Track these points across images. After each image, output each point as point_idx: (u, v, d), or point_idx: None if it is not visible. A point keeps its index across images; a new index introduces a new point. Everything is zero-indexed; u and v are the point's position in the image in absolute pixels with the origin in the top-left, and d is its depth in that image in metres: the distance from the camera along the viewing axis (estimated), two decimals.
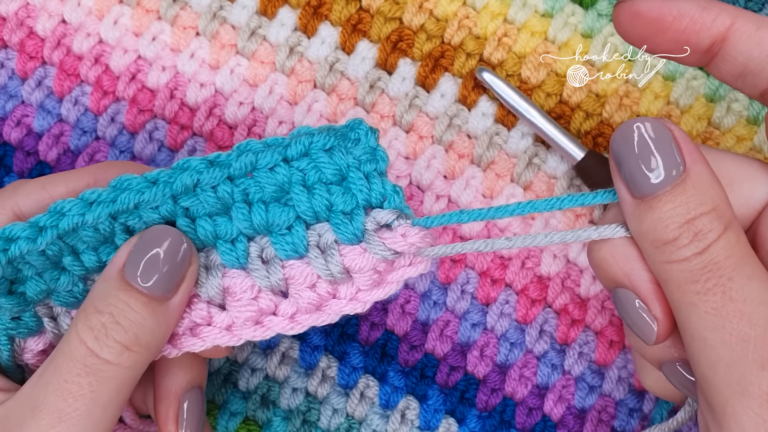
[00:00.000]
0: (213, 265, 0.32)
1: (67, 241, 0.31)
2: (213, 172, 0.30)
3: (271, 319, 0.32)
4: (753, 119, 0.42)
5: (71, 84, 0.44)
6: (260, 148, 0.31)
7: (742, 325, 0.26)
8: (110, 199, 0.30)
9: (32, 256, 0.30)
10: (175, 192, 0.30)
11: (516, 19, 0.43)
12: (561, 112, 0.43)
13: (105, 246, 0.31)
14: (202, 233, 0.31)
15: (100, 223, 0.30)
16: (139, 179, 0.30)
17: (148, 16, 0.44)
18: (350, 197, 0.30)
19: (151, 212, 0.30)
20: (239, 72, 0.44)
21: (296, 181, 0.30)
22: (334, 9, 0.44)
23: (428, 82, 0.43)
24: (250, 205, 0.31)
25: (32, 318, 0.32)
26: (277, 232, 0.31)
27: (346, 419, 0.41)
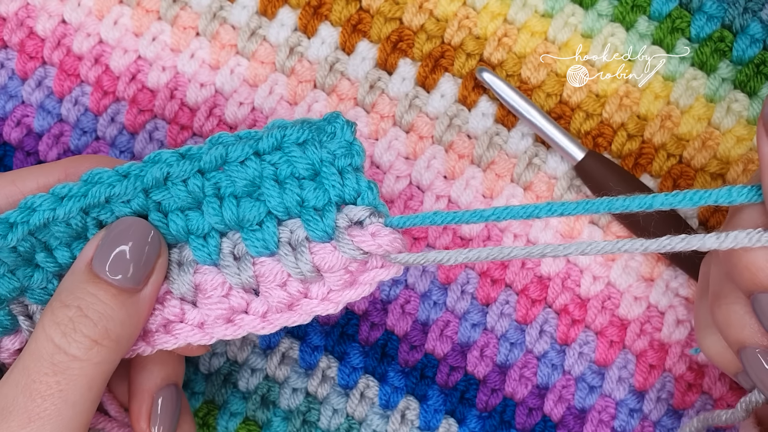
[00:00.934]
0: (185, 261, 0.31)
1: (39, 237, 0.30)
2: (183, 165, 0.29)
3: (243, 317, 0.31)
4: (753, 120, 0.42)
5: (71, 84, 0.44)
6: (232, 141, 0.30)
7: None
8: (81, 193, 0.30)
9: (3, 252, 0.30)
10: (146, 185, 0.30)
11: (516, 19, 0.43)
12: (561, 112, 0.43)
13: (78, 242, 0.31)
14: (174, 228, 0.30)
15: (72, 218, 0.30)
16: (110, 172, 0.30)
17: (148, 16, 0.44)
18: (322, 193, 0.30)
19: (122, 206, 0.30)
20: (239, 72, 0.44)
21: (267, 176, 0.29)
22: (334, 9, 0.44)
23: (428, 83, 0.43)
24: (221, 200, 0.30)
25: (6, 316, 0.32)
26: (249, 227, 0.30)
27: (346, 419, 0.41)
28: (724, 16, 0.42)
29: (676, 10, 0.43)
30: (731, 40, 0.42)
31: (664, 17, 0.43)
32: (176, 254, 0.31)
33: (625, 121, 0.42)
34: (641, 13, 0.43)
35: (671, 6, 0.43)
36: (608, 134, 0.42)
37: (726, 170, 0.42)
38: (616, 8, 0.43)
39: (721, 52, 0.42)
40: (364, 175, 0.30)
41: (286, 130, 0.30)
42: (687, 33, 0.43)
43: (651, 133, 0.42)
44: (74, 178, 0.33)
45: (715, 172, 0.42)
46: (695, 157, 0.42)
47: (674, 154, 0.42)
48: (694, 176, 0.42)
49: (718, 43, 0.42)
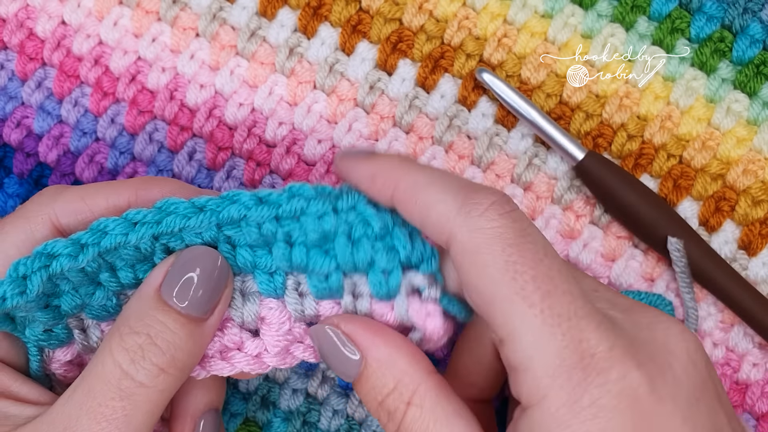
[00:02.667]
0: (249, 292, 0.32)
1: (107, 258, 0.31)
2: (261, 210, 0.30)
3: (297, 346, 0.32)
4: (753, 120, 0.42)
5: (71, 85, 0.44)
6: (312, 194, 0.31)
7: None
8: (155, 220, 0.30)
9: (71, 272, 0.30)
10: (220, 221, 0.30)
11: (516, 19, 0.43)
12: (561, 112, 0.43)
13: (142, 263, 0.32)
14: (241, 261, 0.31)
15: (142, 243, 0.30)
16: (186, 204, 0.30)
17: (148, 17, 0.44)
18: (393, 256, 0.30)
19: (194, 236, 0.31)
20: (239, 73, 0.44)
21: (342, 232, 0.30)
22: (334, 10, 0.44)
23: (428, 83, 0.43)
24: (291, 246, 0.31)
25: (63, 330, 0.32)
26: (314, 275, 0.31)
27: (347, 420, 0.41)
28: (723, 16, 0.42)
29: (676, 10, 0.43)
30: (731, 41, 0.42)
31: (663, 18, 0.43)
32: (239, 283, 0.32)
33: (625, 121, 0.42)
34: (641, 14, 0.43)
35: (671, 6, 0.43)
36: (608, 135, 0.42)
37: (726, 171, 0.42)
38: (616, 9, 0.43)
39: (721, 52, 0.42)
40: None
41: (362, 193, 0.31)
42: (687, 33, 0.43)
43: (651, 134, 0.42)
44: (144, 199, 0.33)
45: (716, 172, 0.42)
46: (695, 158, 0.42)
47: (674, 154, 0.42)
48: (694, 177, 0.42)
49: (718, 43, 0.42)
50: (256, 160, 0.43)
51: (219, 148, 0.43)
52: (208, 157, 0.43)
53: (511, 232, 0.28)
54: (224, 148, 0.43)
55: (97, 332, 0.33)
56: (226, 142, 0.43)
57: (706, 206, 0.42)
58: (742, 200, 0.41)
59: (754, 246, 0.41)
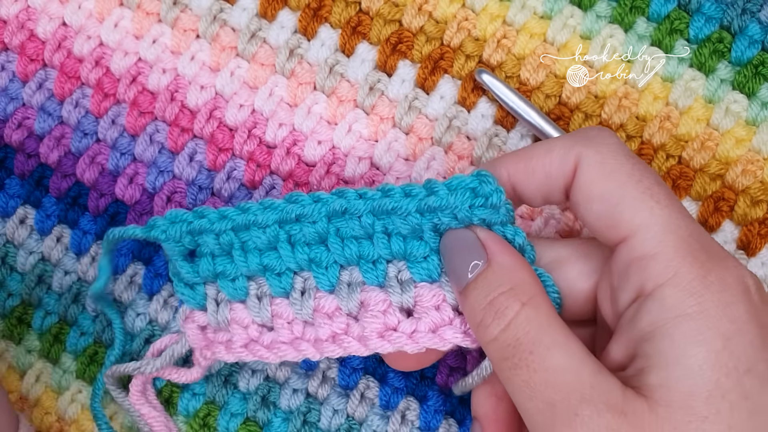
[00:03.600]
0: (354, 282, 0.35)
1: (240, 236, 0.35)
2: (359, 204, 0.34)
3: (392, 334, 0.34)
4: (752, 120, 0.42)
5: (72, 86, 0.44)
6: (399, 196, 0.34)
7: (549, 393, 0.29)
8: (281, 207, 0.34)
9: (209, 236, 0.35)
10: (328, 213, 0.34)
11: (515, 20, 0.43)
12: (560, 113, 0.43)
13: (269, 252, 0.35)
14: (347, 251, 0.34)
15: (270, 224, 0.34)
16: (306, 197, 0.34)
17: (149, 18, 0.44)
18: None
19: (309, 226, 0.34)
20: (239, 74, 0.44)
21: (428, 228, 0.34)
22: (334, 11, 0.44)
23: (428, 84, 0.43)
24: (389, 236, 0.34)
25: (201, 293, 0.36)
26: (414, 260, 0.34)
27: (347, 420, 0.42)
28: (722, 17, 0.43)
29: (675, 11, 0.43)
30: (730, 41, 0.42)
31: (662, 18, 0.43)
32: (347, 276, 0.35)
33: (624, 121, 0.42)
34: (640, 15, 0.43)
35: (670, 7, 0.43)
36: None
37: (725, 171, 0.42)
38: (615, 9, 0.43)
39: (719, 53, 0.42)
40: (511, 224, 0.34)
41: (441, 200, 0.33)
42: (686, 34, 0.43)
43: (650, 134, 0.42)
44: None
45: (714, 172, 0.42)
46: (694, 158, 0.42)
47: (673, 154, 0.42)
48: (693, 177, 0.42)
49: (717, 44, 0.42)
50: (256, 161, 0.43)
51: (219, 150, 0.43)
52: (208, 158, 0.43)
53: (627, 149, 0.32)
54: (225, 150, 0.43)
55: (226, 310, 0.36)
56: (227, 143, 0.43)
57: (705, 206, 0.42)
58: (741, 200, 0.41)
59: (753, 246, 0.41)
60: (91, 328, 0.42)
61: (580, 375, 0.28)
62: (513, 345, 0.30)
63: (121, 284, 0.42)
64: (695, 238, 0.30)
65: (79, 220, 0.43)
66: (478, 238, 0.32)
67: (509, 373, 0.30)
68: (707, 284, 0.29)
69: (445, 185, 0.33)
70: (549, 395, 0.28)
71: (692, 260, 0.29)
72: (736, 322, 0.28)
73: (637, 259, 0.30)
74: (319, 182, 0.43)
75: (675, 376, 0.28)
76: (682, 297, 0.28)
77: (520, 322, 0.30)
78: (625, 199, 0.30)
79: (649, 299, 0.29)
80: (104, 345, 0.42)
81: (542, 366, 0.29)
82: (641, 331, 0.29)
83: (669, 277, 0.29)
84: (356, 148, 0.43)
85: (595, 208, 0.31)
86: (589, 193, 0.31)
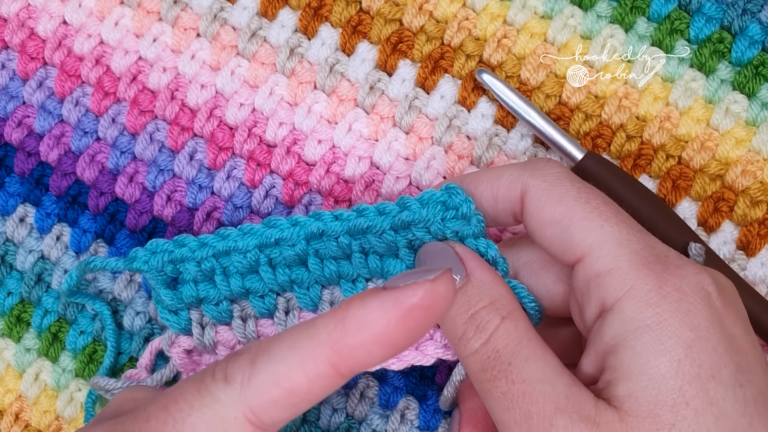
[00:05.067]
0: (336, 301, 0.36)
1: (221, 261, 0.35)
2: (335, 226, 0.34)
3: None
4: (752, 121, 0.42)
5: (72, 85, 0.44)
6: (373, 215, 0.35)
7: (526, 404, 0.29)
8: (260, 232, 0.35)
9: (191, 264, 0.35)
10: (307, 235, 0.34)
11: (515, 20, 0.43)
12: (560, 113, 0.43)
13: (251, 275, 0.36)
14: (327, 271, 0.35)
15: (249, 250, 0.35)
16: (284, 221, 0.35)
17: (149, 17, 0.44)
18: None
19: (288, 249, 0.35)
20: (240, 73, 0.44)
21: (403, 245, 0.34)
22: (335, 10, 0.44)
23: (428, 84, 0.43)
24: (366, 255, 0.35)
25: (185, 318, 0.37)
26: (392, 275, 0.35)
27: (346, 419, 0.42)
28: (723, 17, 0.43)
29: (675, 11, 0.43)
30: (730, 42, 0.42)
31: (663, 18, 0.43)
32: (328, 295, 0.36)
33: (624, 122, 0.42)
34: (640, 15, 0.43)
35: (670, 7, 0.43)
36: (607, 135, 0.43)
37: (725, 171, 0.42)
38: (615, 9, 0.43)
39: (720, 53, 0.42)
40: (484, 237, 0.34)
41: (414, 215, 0.34)
42: (686, 34, 0.43)
43: (650, 134, 0.42)
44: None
45: (714, 173, 0.42)
46: (694, 158, 0.42)
47: (673, 155, 0.42)
48: (692, 177, 0.42)
49: (717, 44, 0.42)
50: (256, 161, 0.43)
51: (219, 149, 0.43)
52: (208, 157, 0.43)
53: (573, 175, 0.33)
54: (225, 149, 0.43)
55: (211, 332, 0.37)
56: (227, 142, 0.43)
57: (705, 206, 0.42)
58: (741, 201, 0.41)
59: (753, 246, 0.41)
60: (91, 327, 0.42)
61: (556, 386, 0.29)
62: (493, 357, 0.30)
63: (121, 283, 0.42)
64: (649, 249, 0.30)
65: (79, 218, 0.43)
66: (456, 253, 0.33)
67: (488, 384, 0.30)
68: (664, 294, 0.29)
69: (416, 200, 0.34)
70: (526, 406, 0.29)
71: (648, 272, 0.30)
72: (696, 329, 0.29)
73: (594, 276, 0.31)
74: (319, 182, 0.43)
75: (640, 386, 0.28)
76: (641, 309, 0.29)
77: (500, 336, 0.31)
78: (575, 221, 0.31)
79: (610, 313, 0.30)
80: (103, 344, 0.42)
81: (520, 377, 0.30)
82: (606, 345, 0.30)
83: (626, 291, 0.29)
84: (356, 148, 0.43)
85: (548, 233, 0.32)
86: (540, 219, 0.32)
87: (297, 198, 0.43)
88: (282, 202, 0.43)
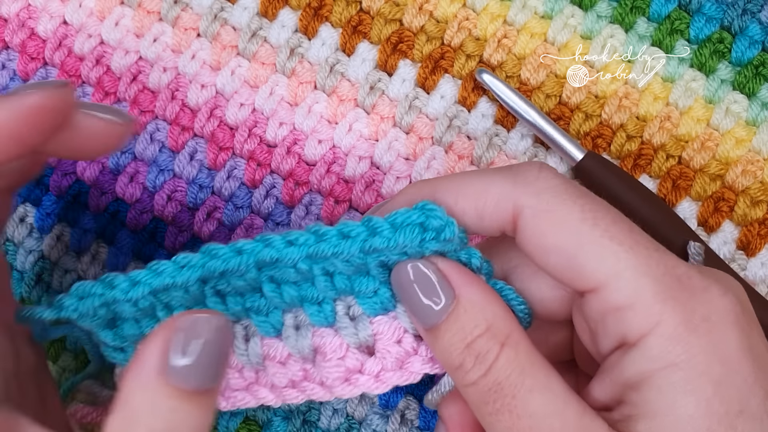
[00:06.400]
0: (302, 324, 0.32)
1: (161, 297, 0.31)
2: (292, 252, 0.30)
3: (358, 377, 0.32)
4: (752, 121, 0.42)
5: (73, 85, 0.44)
6: (336, 239, 0.30)
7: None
8: (200, 264, 0.30)
9: (126, 305, 0.31)
10: (259, 262, 0.30)
11: (516, 20, 0.43)
12: (560, 113, 0.43)
13: (197, 305, 0.32)
14: (287, 297, 0.31)
15: (190, 285, 0.30)
16: (225, 249, 0.31)
17: (150, 17, 0.44)
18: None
19: (237, 279, 0.31)
20: (240, 73, 0.44)
21: (375, 265, 0.30)
22: (335, 10, 0.44)
23: (428, 84, 0.43)
24: (331, 276, 0.31)
25: (132, 352, 0.32)
26: (363, 295, 0.31)
27: (346, 419, 0.42)
28: (723, 17, 0.43)
29: (675, 11, 0.43)
30: (730, 42, 0.42)
31: (663, 18, 0.43)
32: (292, 319, 0.32)
33: (625, 122, 0.42)
34: (640, 15, 0.43)
35: (670, 7, 0.43)
36: (607, 135, 0.43)
37: (725, 171, 0.42)
38: (616, 9, 0.43)
39: (720, 53, 0.43)
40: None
41: (389, 241, 0.30)
42: (686, 34, 0.43)
43: (650, 134, 0.42)
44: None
45: (714, 173, 0.42)
46: (694, 158, 0.42)
47: (673, 155, 0.42)
48: (693, 177, 0.42)
49: (717, 44, 0.42)
50: (256, 161, 0.43)
51: (220, 148, 0.43)
52: (209, 157, 0.43)
53: (572, 187, 0.29)
54: (225, 149, 0.43)
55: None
56: (227, 142, 0.43)
57: (705, 206, 0.42)
58: (741, 201, 0.41)
59: (753, 246, 0.41)
60: None
61: (566, 419, 0.27)
62: (494, 390, 0.28)
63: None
64: (670, 274, 0.27)
65: (80, 218, 0.43)
66: (440, 270, 0.29)
67: (491, 418, 0.28)
68: (693, 328, 0.27)
69: (388, 223, 0.30)
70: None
71: (674, 303, 0.27)
72: (727, 362, 0.27)
73: (612, 310, 0.28)
74: (319, 182, 0.43)
75: (664, 426, 0.27)
76: (669, 346, 0.27)
77: (500, 366, 0.28)
78: (584, 248, 0.28)
79: (633, 350, 0.27)
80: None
81: (525, 412, 0.27)
82: (627, 380, 0.28)
83: (652, 327, 0.27)
84: (357, 148, 0.43)
85: (552, 260, 0.29)
86: (541, 245, 0.29)
87: (297, 198, 0.43)
88: (282, 202, 0.43)
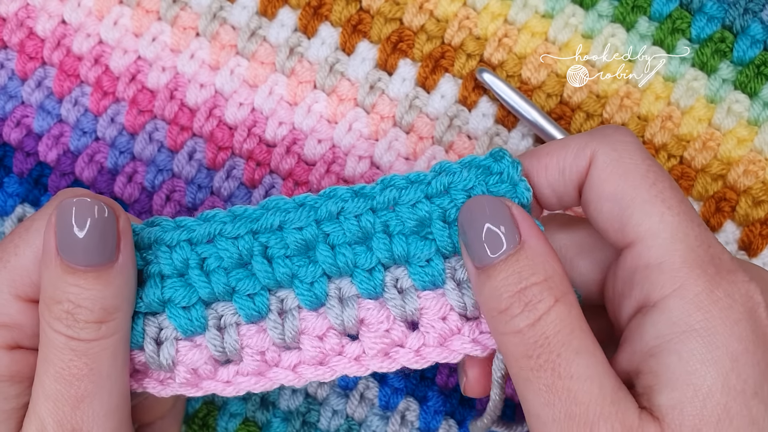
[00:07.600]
0: (346, 296, 0.31)
1: (199, 251, 0.30)
2: (357, 202, 0.30)
3: (398, 350, 0.31)
4: (754, 120, 0.42)
5: (71, 84, 0.44)
6: (403, 184, 0.31)
7: (569, 403, 0.27)
8: (256, 215, 0.30)
9: (160, 249, 0.30)
10: (319, 217, 0.30)
11: (516, 19, 0.43)
12: (561, 112, 0.43)
13: (238, 270, 0.30)
14: (341, 261, 0.30)
15: (240, 237, 0.29)
16: (287, 200, 0.30)
17: (148, 16, 0.44)
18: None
19: (294, 233, 0.30)
20: (239, 73, 0.44)
21: (437, 217, 0.30)
22: (335, 9, 0.44)
23: (428, 83, 0.43)
24: (390, 237, 0.30)
25: (139, 330, 0.31)
26: (416, 263, 0.30)
27: (346, 420, 0.41)
28: (724, 17, 0.42)
29: (677, 10, 0.43)
30: (732, 41, 0.42)
31: (664, 18, 0.43)
32: (336, 289, 0.31)
33: (626, 121, 0.42)
34: (642, 14, 0.43)
35: (672, 7, 0.43)
36: None
37: (727, 171, 0.42)
38: (617, 9, 0.43)
39: (721, 52, 0.42)
40: (527, 211, 0.30)
41: (454, 176, 0.30)
42: (687, 34, 0.43)
43: (652, 134, 0.42)
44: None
45: (716, 173, 0.42)
46: (696, 158, 0.42)
47: (675, 154, 0.42)
48: (694, 177, 0.42)
49: (719, 43, 0.42)
50: (256, 160, 0.43)
51: (219, 148, 0.43)
52: (208, 156, 0.43)
53: (645, 150, 0.30)
54: (224, 148, 0.43)
55: (172, 350, 0.31)
56: (226, 141, 0.43)
57: (707, 206, 0.42)
58: (743, 201, 0.41)
59: (755, 246, 0.41)
60: None
61: (603, 387, 0.27)
62: (540, 343, 0.27)
63: None
64: (705, 248, 0.28)
65: None
66: (512, 214, 0.29)
67: (529, 373, 0.27)
68: (715, 299, 0.27)
69: (458, 163, 0.30)
70: (569, 406, 0.27)
71: (700, 272, 0.28)
72: (743, 341, 0.27)
73: (642, 266, 0.28)
74: (319, 181, 0.43)
75: (686, 398, 0.27)
76: (689, 310, 0.27)
77: (551, 320, 0.27)
78: (636, 202, 0.29)
79: (654, 310, 0.28)
80: None
81: (568, 372, 0.27)
82: (647, 345, 0.28)
83: (675, 288, 0.27)
84: (356, 147, 0.43)
85: (606, 207, 0.30)
86: (600, 191, 0.30)
87: None
88: None
